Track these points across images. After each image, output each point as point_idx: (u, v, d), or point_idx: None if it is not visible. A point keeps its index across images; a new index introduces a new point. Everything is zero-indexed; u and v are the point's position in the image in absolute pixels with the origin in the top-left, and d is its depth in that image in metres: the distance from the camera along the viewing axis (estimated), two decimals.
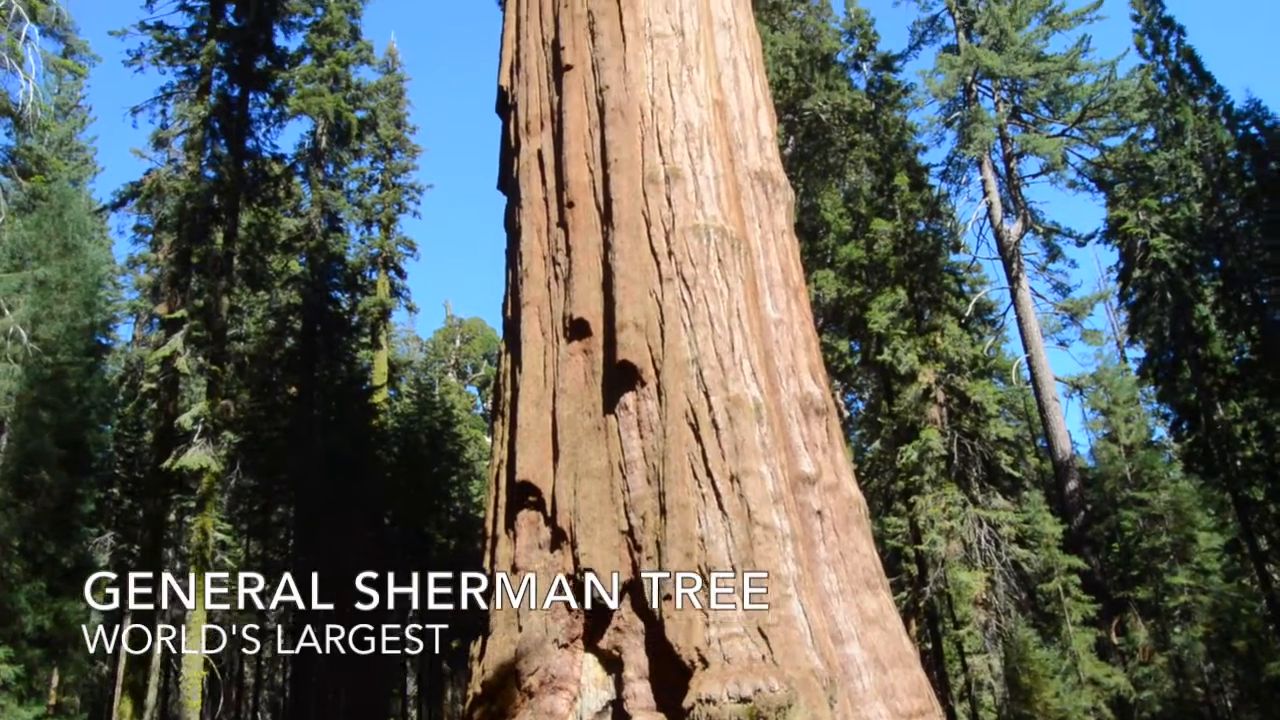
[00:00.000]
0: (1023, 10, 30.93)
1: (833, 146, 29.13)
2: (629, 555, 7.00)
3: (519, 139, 8.36)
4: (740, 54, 8.70)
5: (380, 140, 37.08)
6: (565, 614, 7.13)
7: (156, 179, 26.33)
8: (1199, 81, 33.18)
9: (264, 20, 26.68)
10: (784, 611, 6.64)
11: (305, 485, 28.24)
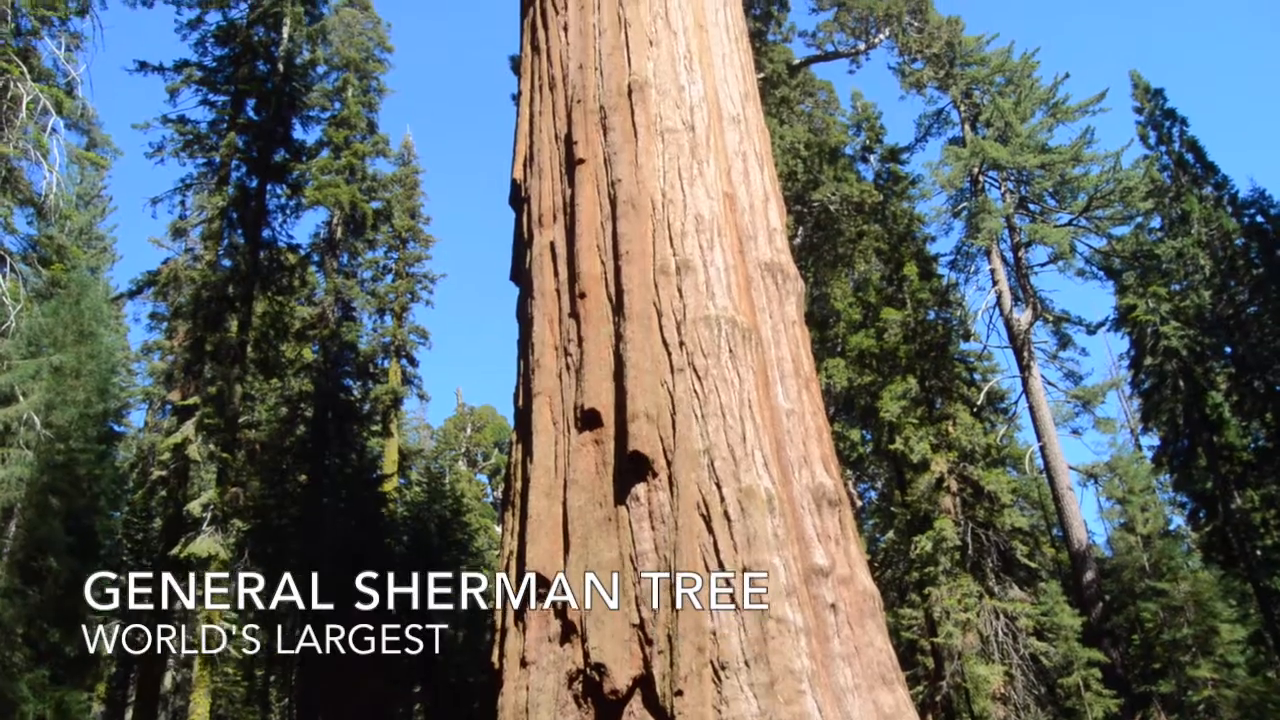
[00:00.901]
0: (1027, 103, 31.46)
1: (842, 237, 29.41)
2: (640, 649, 6.89)
3: (532, 231, 8.46)
4: (750, 148, 8.83)
5: (395, 230, 37.63)
6: (575, 710, 6.99)
7: (174, 268, 26.70)
8: (1203, 171, 33.62)
9: (283, 115, 27.33)
10: (798, 708, 6.50)
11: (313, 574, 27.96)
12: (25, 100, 17.13)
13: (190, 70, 27.79)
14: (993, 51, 33.35)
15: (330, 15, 32.88)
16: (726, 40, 9.48)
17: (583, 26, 9.08)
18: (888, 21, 26.45)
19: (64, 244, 26.15)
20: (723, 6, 9.69)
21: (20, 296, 17.98)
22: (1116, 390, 37.99)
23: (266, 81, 28.14)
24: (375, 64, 35.54)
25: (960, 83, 32.43)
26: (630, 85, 8.33)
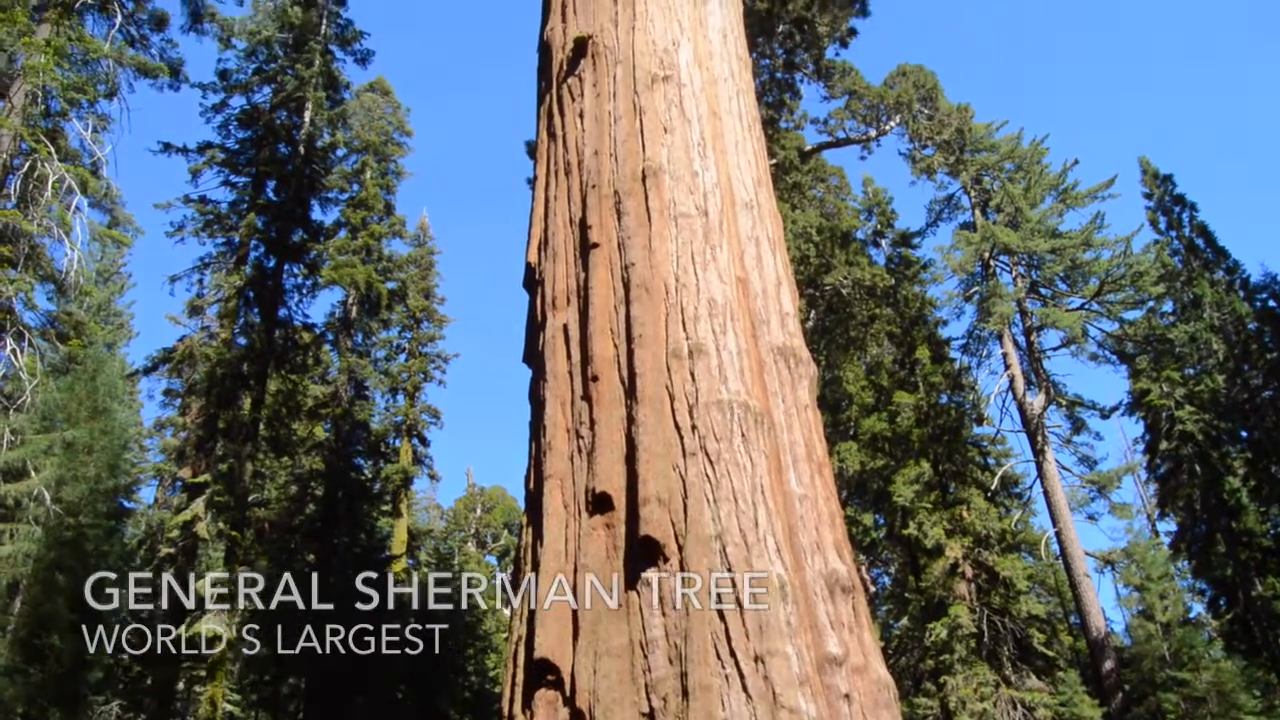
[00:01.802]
0: (1036, 189, 31.80)
1: (854, 320, 29.52)
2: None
3: (545, 314, 8.50)
4: (762, 233, 8.90)
5: (409, 310, 37.93)
6: None
7: (190, 345, 26.91)
8: (1214, 255, 33.78)
9: (302, 196, 27.77)
10: None
11: (318, 656, 27.64)
12: (51, 180, 17.45)
13: (213, 152, 28.35)
14: (1002, 138, 33.83)
15: (351, 100, 33.62)
16: (740, 128, 9.62)
17: (598, 114, 9.24)
18: (898, 109, 26.88)
19: (82, 320, 26.45)
20: (736, 95, 9.86)
21: (37, 371, 18.11)
22: (1132, 475, 37.69)
23: (287, 163, 28.65)
24: (394, 147, 36.21)
25: (970, 168, 32.83)
26: (645, 171, 8.44)
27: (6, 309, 17.20)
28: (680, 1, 9.99)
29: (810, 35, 18.76)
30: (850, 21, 18.35)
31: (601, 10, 9.97)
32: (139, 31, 21.54)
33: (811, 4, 17.97)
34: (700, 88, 9.33)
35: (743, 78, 10.20)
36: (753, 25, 17.68)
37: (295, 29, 30.60)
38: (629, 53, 9.37)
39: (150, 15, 21.37)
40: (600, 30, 9.79)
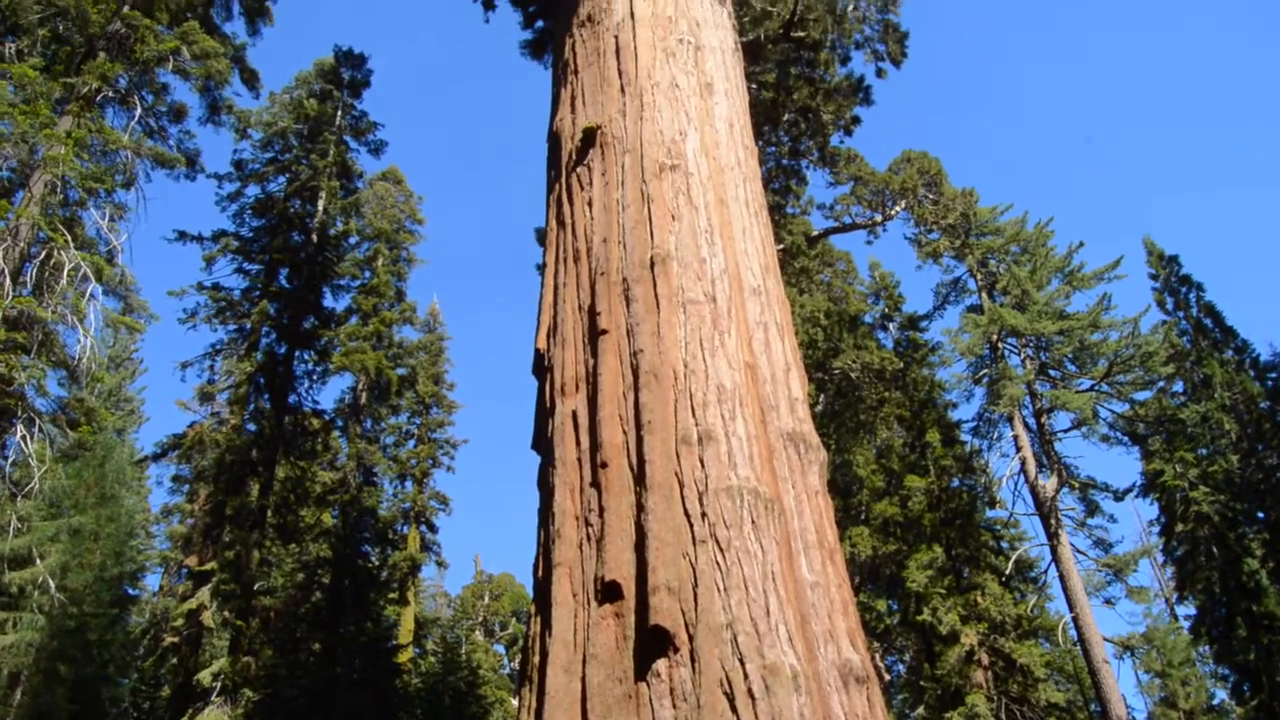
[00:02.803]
0: (1043, 271, 31.97)
1: (863, 404, 29.49)
2: None
3: (554, 400, 8.50)
4: (770, 318, 8.93)
5: (419, 396, 38.00)
6: None
7: (199, 431, 26.93)
8: (1222, 335, 33.80)
9: (315, 283, 28.06)
10: None
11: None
12: (67, 268, 17.65)
13: (227, 240, 28.76)
14: (1007, 221, 34.14)
15: (364, 189, 34.18)
16: (747, 214, 9.72)
17: (607, 202, 9.36)
18: (903, 194, 27.21)
19: (93, 406, 26.53)
20: (743, 183, 9.99)
21: (46, 458, 18.11)
22: (1149, 558, 37.16)
23: (300, 251, 29.03)
24: (406, 235, 36.67)
25: (976, 252, 33.06)
26: (653, 258, 8.51)
27: (18, 395, 17.27)
28: (687, 93, 10.18)
29: (815, 123, 19.07)
30: (854, 110, 18.67)
31: (610, 102, 10.17)
32: (157, 123, 21.97)
33: (815, 93, 18.30)
34: (707, 176, 9.46)
35: (749, 166, 10.35)
36: (758, 114, 18.00)
37: (311, 120, 31.28)
38: (637, 142, 9.53)
39: (169, 108, 21.82)
40: (609, 121, 9.98)
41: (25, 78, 17.88)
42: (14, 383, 16.82)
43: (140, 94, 21.00)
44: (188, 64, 20.72)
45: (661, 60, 10.42)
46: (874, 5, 16.93)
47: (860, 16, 17.29)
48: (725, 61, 11.21)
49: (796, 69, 18.14)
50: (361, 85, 33.48)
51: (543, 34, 18.63)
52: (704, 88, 10.47)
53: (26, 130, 17.46)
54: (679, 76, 10.31)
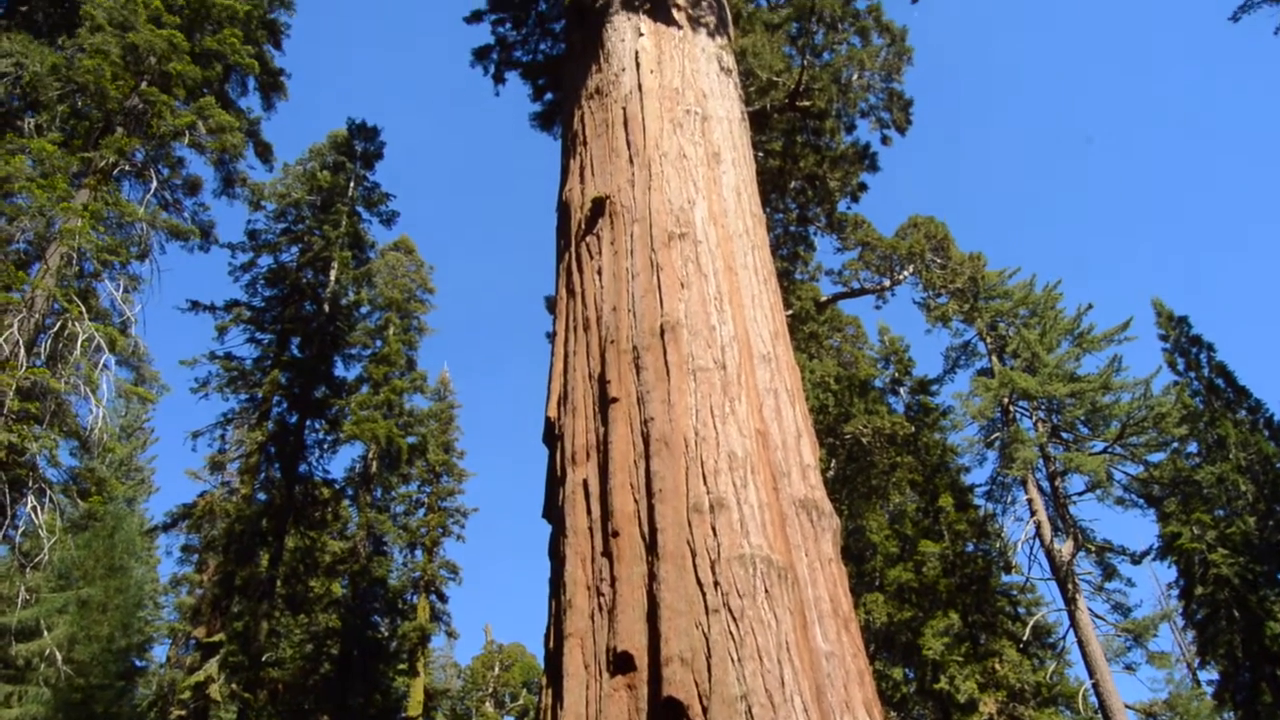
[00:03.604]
0: (1052, 333, 31.97)
1: (875, 469, 29.33)
2: None
3: (564, 469, 8.48)
4: (781, 385, 8.93)
5: (429, 465, 37.91)
6: None
7: (209, 501, 26.91)
8: (1235, 395, 33.63)
9: (326, 353, 28.21)
10: None
11: None
12: (81, 338, 17.77)
13: (240, 310, 29.01)
14: (1015, 285, 34.25)
15: (376, 259, 34.52)
16: (755, 281, 9.77)
17: (616, 270, 9.42)
18: (911, 259, 27.35)
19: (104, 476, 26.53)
20: (751, 250, 10.05)
21: (56, 529, 18.07)
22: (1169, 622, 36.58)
23: (312, 321, 29.23)
24: (417, 304, 36.91)
25: (985, 315, 33.11)
26: (663, 326, 8.54)
27: (30, 465, 17.30)
28: (695, 162, 10.31)
29: (822, 190, 19.25)
30: (860, 176, 18.85)
31: (619, 172, 10.29)
32: (173, 196, 22.29)
33: (822, 161, 18.51)
34: (716, 244, 9.53)
35: (757, 233, 10.42)
36: (765, 182, 18.20)
37: (324, 191, 31.72)
38: (646, 211, 9.62)
39: (184, 181, 22.15)
40: (617, 190, 10.09)
41: (44, 152, 18.20)
42: (26, 453, 16.86)
43: (156, 167, 21.33)
44: (203, 138, 21.06)
45: (669, 130, 10.56)
46: (878, 74, 17.18)
47: (865, 85, 17.53)
48: (732, 131, 11.36)
49: (803, 137, 18.37)
50: (374, 157, 33.99)
51: (551, 106, 18.93)
52: (711, 157, 10.59)
53: (44, 204, 17.73)
54: (686, 146, 10.45)
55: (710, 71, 12.06)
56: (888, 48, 16.95)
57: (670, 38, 12.12)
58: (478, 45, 19.17)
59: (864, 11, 16.92)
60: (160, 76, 20.31)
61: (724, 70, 12.47)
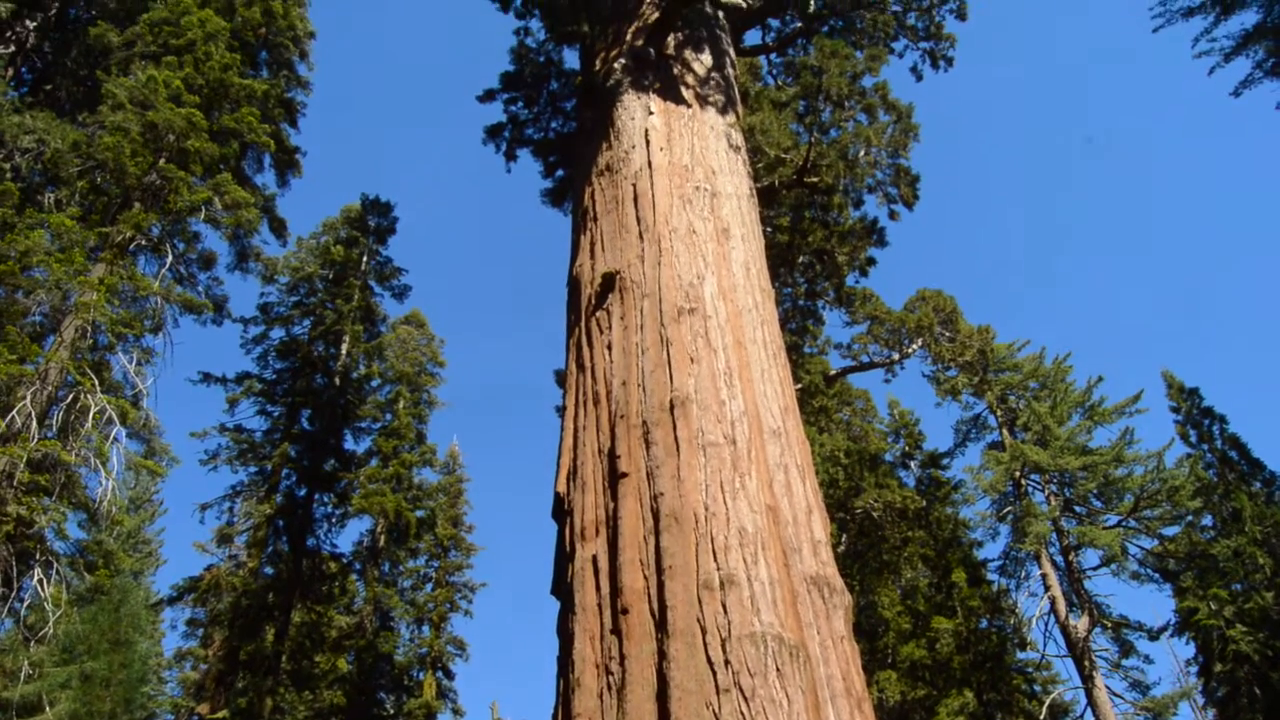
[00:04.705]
0: (1063, 406, 31.89)
1: (887, 544, 29.06)
2: None
3: (574, 545, 8.44)
4: (791, 460, 8.91)
5: (437, 539, 37.64)
6: None
7: (216, 575, 26.77)
8: (1249, 468, 33.33)
9: (336, 426, 28.27)
10: None
11: None
12: (93, 411, 17.84)
13: (251, 382, 29.15)
14: (1025, 357, 34.27)
15: (387, 332, 34.72)
16: (765, 356, 9.79)
17: (626, 345, 9.45)
18: (919, 332, 27.41)
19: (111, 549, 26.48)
20: (760, 325, 10.09)
21: (62, 601, 17.95)
22: (1188, 700, 35.81)
23: (323, 394, 29.35)
24: (427, 378, 36.99)
25: (995, 388, 33.07)
26: (672, 401, 8.55)
27: (38, 538, 17.26)
28: (704, 238, 10.41)
29: (830, 265, 19.40)
30: (869, 251, 19.02)
31: (628, 248, 10.40)
32: (187, 270, 22.53)
33: (830, 236, 18.69)
34: (725, 319, 9.58)
35: (766, 308, 10.49)
36: (774, 257, 18.34)
37: (337, 265, 32.06)
38: (655, 287, 9.69)
39: (199, 255, 22.42)
40: (627, 266, 10.18)
41: (63, 227, 18.49)
42: (35, 525, 16.84)
43: (172, 242, 21.61)
44: (219, 214, 21.37)
45: (679, 207, 10.69)
46: (885, 150, 17.41)
47: (872, 161, 17.76)
48: (741, 207, 11.49)
49: (811, 212, 18.57)
50: (387, 232, 34.39)
51: (562, 183, 19.21)
52: (720, 233, 10.70)
53: (61, 277, 17.95)
54: (696, 222, 10.56)
55: (719, 149, 12.24)
56: (894, 124, 17.21)
57: (680, 116, 12.33)
58: (490, 123, 19.54)
59: (870, 89, 17.20)
60: (178, 153, 20.68)
61: (732, 147, 12.66)
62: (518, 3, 19.42)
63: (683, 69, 13.36)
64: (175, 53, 21.98)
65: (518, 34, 19.67)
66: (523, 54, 19.44)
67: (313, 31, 27.94)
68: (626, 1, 14.82)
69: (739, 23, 16.37)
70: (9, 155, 21.06)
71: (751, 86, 20.74)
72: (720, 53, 14.45)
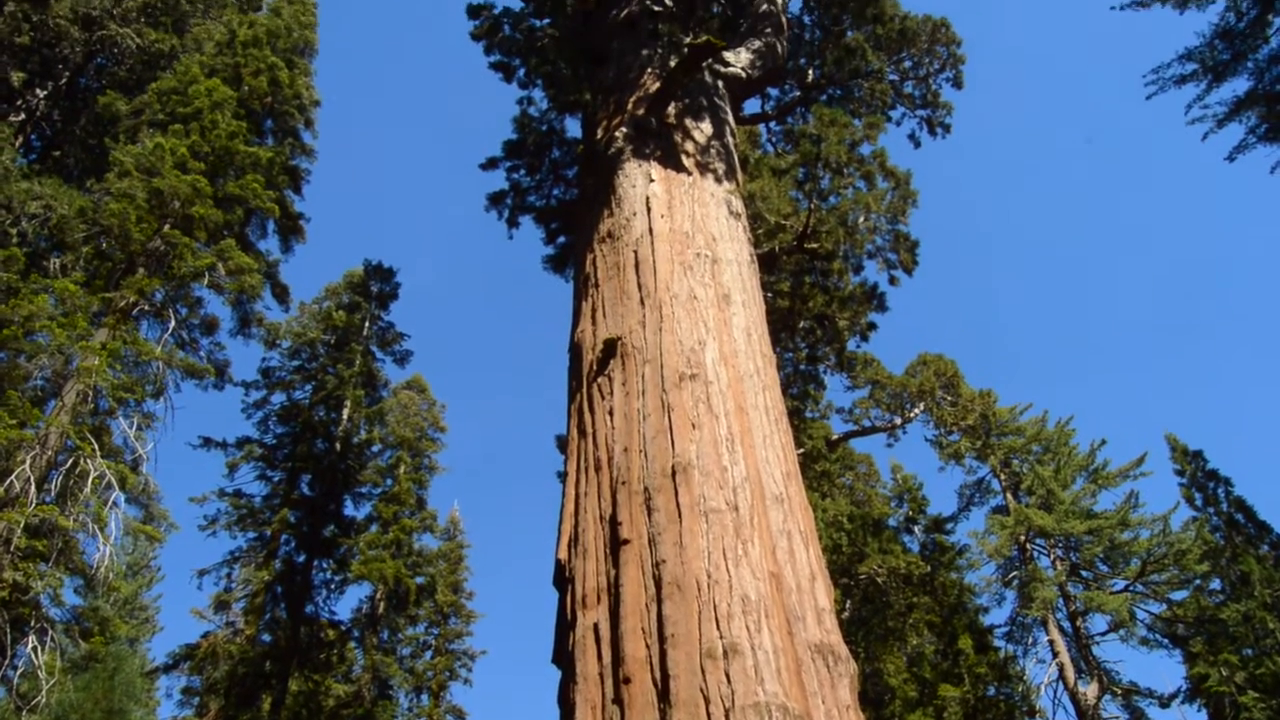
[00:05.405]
0: (1067, 470, 31.78)
1: (891, 610, 28.75)
2: None
3: (575, 613, 8.35)
4: (794, 526, 8.86)
5: (437, 606, 37.27)
6: None
7: (213, 642, 26.47)
8: (1256, 531, 33.08)
9: (336, 491, 28.17)
10: None
11: None
12: (92, 476, 17.80)
13: (251, 447, 29.11)
14: (1027, 421, 34.24)
15: (389, 397, 34.73)
16: (767, 421, 9.77)
17: (628, 411, 9.44)
18: (921, 397, 27.43)
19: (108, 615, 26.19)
20: (762, 390, 10.09)
21: (56, 669, 17.73)
22: None
23: (323, 459, 29.27)
24: (428, 443, 36.92)
25: (998, 452, 32.98)
26: (674, 467, 8.52)
27: (33, 604, 17.11)
28: (705, 304, 10.45)
29: (831, 330, 19.47)
30: (869, 316, 19.10)
31: (630, 314, 10.43)
32: (189, 335, 22.63)
33: (830, 301, 18.78)
34: (727, 385, 9.58)
35: (767, 373, 10.49)
36: (775, 322, 18.42)
37: (339, 330, 32.17)
38: (657, 353, 9.70)
39: (202, 320, 22.53)
40: (629, 332, 10.20)
41: (67, 292, 18.60)
42: (30, 591, 16.70)
43: (175, 307, 21.73)
44: (222, 279, 21.52)
45: (680, 273, 10.75)
46: (884, 217, 17.56)
47: (871, 227, 17.90)
48: (741, 273, 11.55)
49: (811, 278, 18.68)
50: (389, 298, 34.57)
51: (564, 249, 19.36)
52: (721, 298, 10.75)
53: (63, 342, 18.01)
54: (697, 288, 10.61)
55: (720, 215, 12.35)
56: (893, 191, 17.38)
57: (680, 183, 12.45)
58: (493, 190, 19.74)
59: (869, 157, 17.39)
60: (183, 219, 20.88)
61: (733, 214, 12.77)
62: (521, 73, 19.74)
63: (683, 137, 13.53)
64: (182, 120, 22.31)
65: (521, 103, 19.98)
66: (525, 122, 19.72)
67: (318, 100, 28.40)
68: (628, 72, 15.06)
69: (739, 91, 16.61)
70: (16, 221, 21.28)
71: (751, 154, 20.99)
72: (720, 121, 14.64)
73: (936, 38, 19.40)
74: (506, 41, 19.72)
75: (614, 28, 16.41)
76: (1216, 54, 15.63)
